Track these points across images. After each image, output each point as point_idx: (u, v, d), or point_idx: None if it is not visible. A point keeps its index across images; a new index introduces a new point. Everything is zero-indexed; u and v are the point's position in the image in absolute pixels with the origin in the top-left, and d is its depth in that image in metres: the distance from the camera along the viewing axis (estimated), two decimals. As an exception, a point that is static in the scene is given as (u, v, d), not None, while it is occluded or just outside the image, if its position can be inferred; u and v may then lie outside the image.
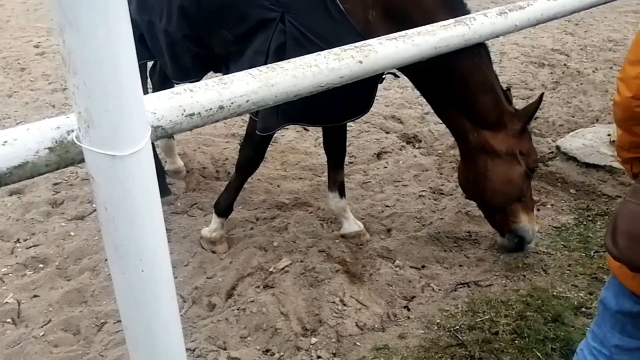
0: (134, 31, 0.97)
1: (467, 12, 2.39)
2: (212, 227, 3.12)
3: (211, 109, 1.25)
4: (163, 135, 1.20)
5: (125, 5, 0.94)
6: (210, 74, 2.88)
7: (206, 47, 2.64)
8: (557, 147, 4.22)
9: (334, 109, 2.49)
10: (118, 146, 0.96)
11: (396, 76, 2.63)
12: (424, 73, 2.46)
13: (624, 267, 1.39)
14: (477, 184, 2.71)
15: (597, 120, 4.68)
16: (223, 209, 3.08)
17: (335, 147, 3.14)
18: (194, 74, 2.79)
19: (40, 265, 3.15)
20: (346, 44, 1.70)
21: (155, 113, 1.15)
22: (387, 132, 4.65)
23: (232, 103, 1.30)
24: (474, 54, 2.37)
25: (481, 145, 2.63)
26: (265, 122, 2.49)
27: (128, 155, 0.96)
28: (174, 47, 2.70)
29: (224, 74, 2.62)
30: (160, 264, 1.09)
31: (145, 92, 3.45)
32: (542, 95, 2.65)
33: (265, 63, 2.28)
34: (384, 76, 2.51)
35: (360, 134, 4.66)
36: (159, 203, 1.10)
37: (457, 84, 2.47)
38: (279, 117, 2.43)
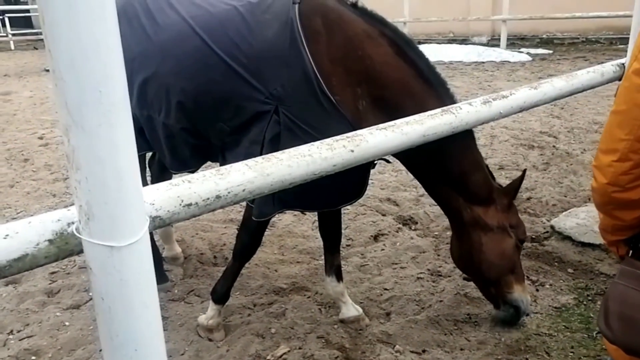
0: (134, 124, 1.01)
1: (453, 98, 2.49)
2: (209, 314, 3.08)
3: (208, 198, 1.29)
4: (161, 225, 1.23)
5: (128, 104, 1.00)
6: (208, 163, 2.94)
7: (204, 139, 2.71)
8: (552, 227, 4.24)
9: (329, 195, 2.52)
10: (116, 237, 0.98)
11: (388, 161, 2.68)
12: (416, 156, 2.51)
13: (619, 349, 1.39)
14: (472, 258, 2.76)
15: (589, 199, 4.70)
16: (220, 295, 3.07)
17: (330, 231, 3.15)
18: (192, 164, 2.86)
19: (33, 358, 3.06)
20: (337, 132, 1.78)
21: (153, 204, 1.18)
22: (384, 215, 4.68)
23: (229, 192, 1.34)
24: (463, 135, 2.42)
25: (475, 220, 2.70)
26: (262, 208, 2.52)
27: (126, 246, 0.99)
28: (173, 139, 2.78)
29: (220, 163, 2.69)
30: (156, 355, 1.08)
31: (144, 181, 3.28)
32: (524, 171, 2.75)
33: (261, 152, 2.35)
34: (375, 162, 2.58)
35: (356, 217, 4.68)
36: (156, 293, 1.11)
37: (450, 164, 2.56)
38: (275, 203, 2.46)
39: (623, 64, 3.35)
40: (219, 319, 3.10)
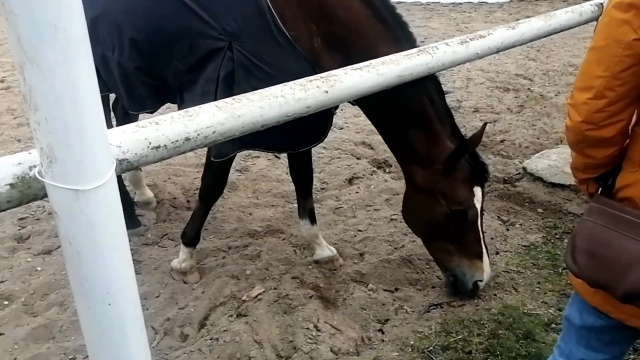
0: (88, 64, 0.94)
1: (413, 41, 2.39)
2: (181, 257, 3.08)
3: (177, 140, 1.26)
4: (129, 168, 1.20)
5: (87, 39, 0.94)
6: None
7: (159, 79, 2.64)
8: (524, 168, 4.24)
9: (289, 136, 2.47)
10: (81, 181, 0.95)
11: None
12: (373, 101, 2.43)
13: (585, 283, 1.42)
14: (404, 211, 2.76)
15: (561, 141, 4.74)
16: (190, 238, 3.05)
17: (301, 175, 3.12)
18: (149, 105, 2.79)
19: (5, 302, 3.04)
20: (293, 69, 1.73)
21: (120, 146, 1.15)
22: (358, 158, 4.66)
23: (198, 135, 1.30)
24: (418, 85, 2.28)
25: (408, 177, 2.63)
26: (220, 148, 2.48)
27: (92, 190, 0.96)
28: (128, 78, 2.69)
29: (178, 105, 2.62)
30: (128, 297, 1.07)
31: (109, 124, 3.11)
32: (465, 142, 2.45)
33: (216, 91, 2.30)
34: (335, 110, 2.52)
35: (331, 160, 4.64)
36: (125, 236, 1.08)
37: (397, 114, 2.43)
38: (233, 142, 2.40)
39: (602, 3, 3.31)
40: (191, 261, 3.09)
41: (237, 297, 2.90)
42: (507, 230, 3.51)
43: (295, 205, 3.33)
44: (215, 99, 1.57)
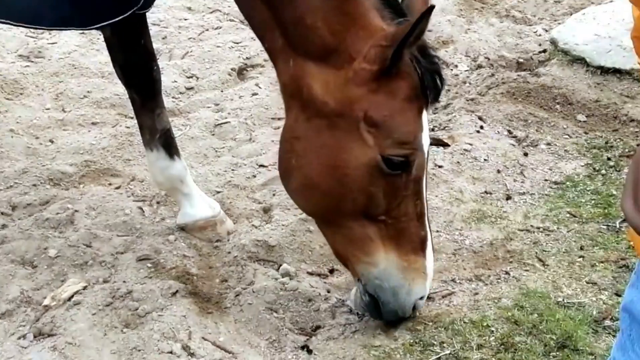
0: None
1: None
2: None
3: None
4: None
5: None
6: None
7: None
8: (553, 42, 3.59)
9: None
10: None
11: None
12: None
13: None
14: (282, 161, 2.16)
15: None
16: None
17: (133, 68, 2.61)
18: None
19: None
20: None
21: None
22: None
23: None
24: None
25: (296, 86, 2.03)
26: None
27: None
28: None
29: None
30: None
31: None
32: (430, 9, 1.88)
33: None
34: None
35: (203, 34, 4.08)
36: None
37: None
38: None
39: None
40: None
41: (34, 300, 2.45)
42: (526, 155, 2.98)
43: (135, 122, 2.83)
44: None
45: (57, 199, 2.81)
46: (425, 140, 2.03)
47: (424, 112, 2.04)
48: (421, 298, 2.19)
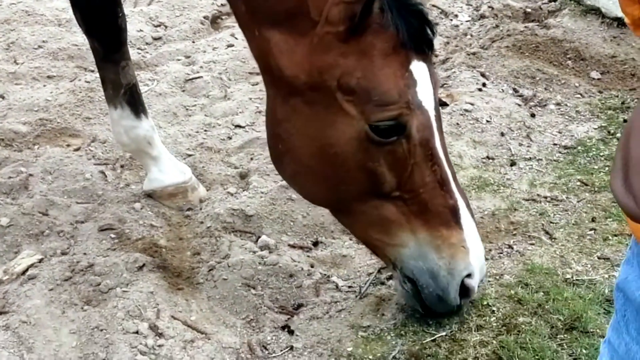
0: None
1: None
2: None
3: None
4: None
5: None
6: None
7: None
8: None
9: None
10: None
11: None
12: None
13: None
14: (268, 143, 2.08)
15: None
16: None
17: (95, 14, 2.50)
18: None
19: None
20: None
21: None
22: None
23: None
24: None
25: (263, 56, 1.90)
26: None
27: None
28: None
29: None
30: None
31: None
32: None
33: None
34: None
35: None
36: None
37: None
38: None
39: None
40: None
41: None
42: (532, 116, 2.93)
43: (97, 76, 2.83)
44: None
45: (9, 162, 2.74)
46: (425, 95, 1.85)
47: (418, 65, 1.85)
48: (469, 276, 1.96)
